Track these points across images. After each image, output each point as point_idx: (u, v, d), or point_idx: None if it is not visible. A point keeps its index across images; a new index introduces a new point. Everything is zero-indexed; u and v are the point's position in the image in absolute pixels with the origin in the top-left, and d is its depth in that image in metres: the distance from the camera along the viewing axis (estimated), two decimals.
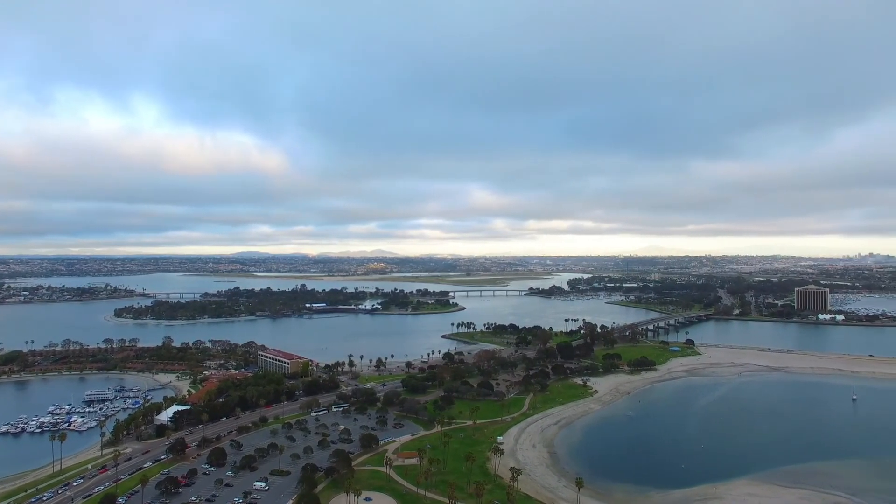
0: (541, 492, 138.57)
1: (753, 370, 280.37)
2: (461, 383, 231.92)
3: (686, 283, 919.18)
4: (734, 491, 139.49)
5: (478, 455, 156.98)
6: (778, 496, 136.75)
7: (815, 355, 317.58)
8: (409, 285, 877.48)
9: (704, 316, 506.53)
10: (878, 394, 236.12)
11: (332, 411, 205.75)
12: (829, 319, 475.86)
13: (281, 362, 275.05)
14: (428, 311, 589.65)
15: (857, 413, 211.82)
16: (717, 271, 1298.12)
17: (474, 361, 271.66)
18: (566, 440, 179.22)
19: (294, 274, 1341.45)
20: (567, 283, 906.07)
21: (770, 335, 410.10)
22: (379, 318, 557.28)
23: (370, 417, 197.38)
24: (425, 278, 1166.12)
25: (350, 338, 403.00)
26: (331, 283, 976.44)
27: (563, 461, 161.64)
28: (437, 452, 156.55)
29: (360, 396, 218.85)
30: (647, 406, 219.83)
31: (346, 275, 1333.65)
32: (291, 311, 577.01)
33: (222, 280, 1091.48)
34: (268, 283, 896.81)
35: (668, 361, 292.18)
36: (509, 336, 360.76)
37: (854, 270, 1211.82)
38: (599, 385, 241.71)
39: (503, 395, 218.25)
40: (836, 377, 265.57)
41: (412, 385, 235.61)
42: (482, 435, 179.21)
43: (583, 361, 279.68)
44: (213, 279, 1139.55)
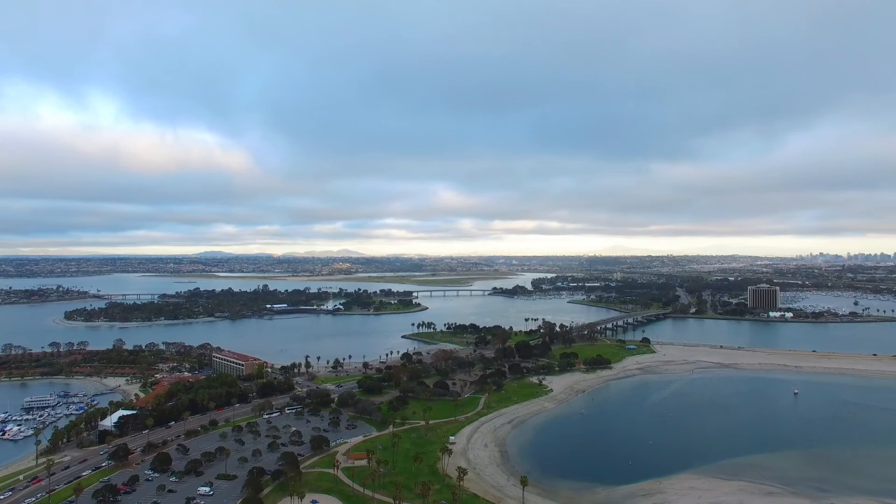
0: (489, 490, 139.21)
1: (705, 367, 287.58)
2: (417, 383, 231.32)
3: (647, 282, 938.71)
4: (677, 485, 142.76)
5: (428, 455, 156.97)
6: (718, 488, 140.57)
7: (763, 352, 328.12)
8: (374, 285, 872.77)
9: (662, 314, 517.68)
10: (817, 387, 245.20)
11: (285, 413, 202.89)
12: (779, 317, 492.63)
13: (235, 364, 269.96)
14: (390, 311, 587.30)
15: (798, 406, 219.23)
16: (677, 271, 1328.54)
17: (431, 361, 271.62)
18: (518, 439, 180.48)
19: (257, 274, 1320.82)
20: (531, 282, 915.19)
21: (724, 332, 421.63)
22: (340, 318, 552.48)
23: (323, 419, 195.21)
24: (390, 278, 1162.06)
25: (310, 339, 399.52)
26: (294, 283, 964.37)
27: (514, 460, 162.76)
28: (387, 453, 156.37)
29: (315, 398, 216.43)
30: (601, 404, 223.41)
31: (310, 275, 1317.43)
32: (252, 312, 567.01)
33: (183, 281, 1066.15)
34: (230, 284, 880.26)
35: (624, 360, 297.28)
36: (469, 336, 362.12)
37: (805, 269, 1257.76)
38: (555, 384, 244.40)
39: (458, 395, 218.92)
40: (782, 372, 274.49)
41: (368, 386, 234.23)
42: (435, 435, 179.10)
43: (540, 360, 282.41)
44: (174, 280, 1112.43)
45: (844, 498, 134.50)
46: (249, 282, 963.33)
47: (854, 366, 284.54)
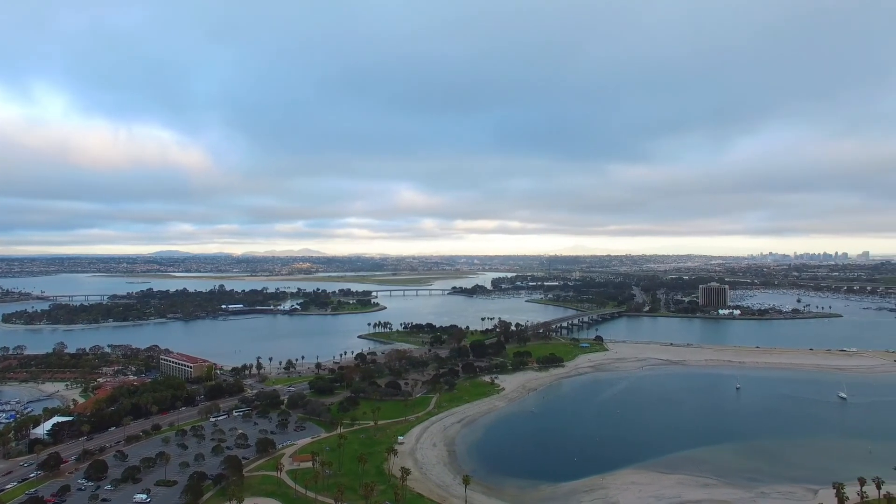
0: (434, 490, 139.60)
1: (654, 364, 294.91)
2: (369, 384, 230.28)
3: (604, 281, 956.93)
4: (619, 480, 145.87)
5: (375, 456, 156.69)
6: (658, 482, 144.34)
7: (710, 348, 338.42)
8: (333, 285, 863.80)
9: (617, 313, 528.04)
10: (757, 382, 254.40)
11: (232, 416, 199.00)
12: (728, 314, 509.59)
13: (184, 366, 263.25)
14: (348, 311, 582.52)
15: (739, 400, 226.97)
16: (635, 270, 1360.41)
17: (385, 361, 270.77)
18: (467, 438, 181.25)
19: (215, 274, 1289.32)
20: (491, 282, 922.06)
21: (676, 330, 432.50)
22: (297, 318, 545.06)
23: (271, 421, 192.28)
24: (351, 278, 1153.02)
25: (265, 339, 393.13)
26: (252, 283, 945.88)
27: (461, 459, 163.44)
28: (333, 455, 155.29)
29: (264, 399, 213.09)
30: (552, 402, 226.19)
31: (269, 275, 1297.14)
32: (206, 313, 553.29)
33: (136, 281, 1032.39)
34: (185, 284, 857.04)
35: (577, 358, 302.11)
36: (425, 335, 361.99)
37: (755, 268, 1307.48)
38: (507, 383, 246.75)
39: (409, 395, 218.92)
40: (726, 368, 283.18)
41: (319, 386, 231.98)
42: (384, 435, 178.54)
43: (494, 360, 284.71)
44: (126, 280, 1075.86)
45: (773, 486, 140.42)
46: (206, 282, 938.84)
47: (792, 360, 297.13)
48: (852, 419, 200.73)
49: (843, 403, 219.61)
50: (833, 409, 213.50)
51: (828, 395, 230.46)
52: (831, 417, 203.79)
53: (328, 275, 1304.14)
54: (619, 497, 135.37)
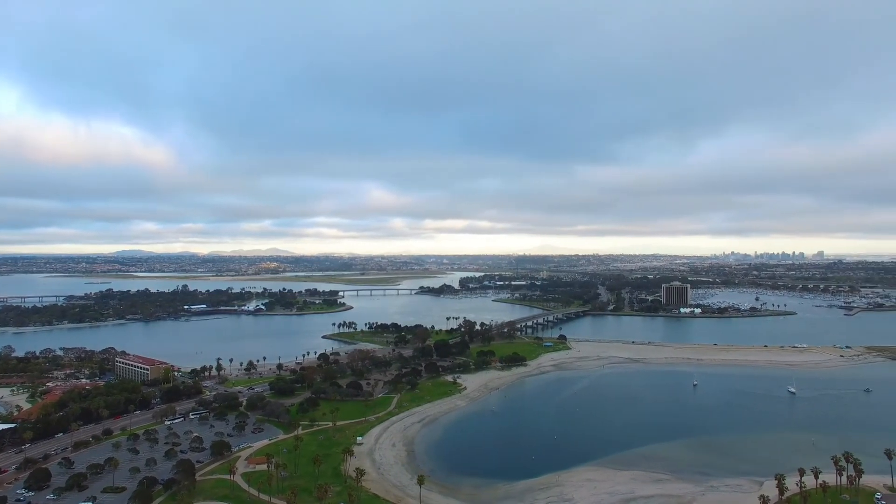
0: (390, 490, 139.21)
1: (616, 362, 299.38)
2: (330, 384, 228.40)
3: (571, 280, 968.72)
4: (575, 478, 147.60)
5: (333, 457, 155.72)
6: (612, 479, 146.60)
7: (670, 346, 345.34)
8: (300, 285, 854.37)
9: (582, 312, 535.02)
10: (714, 378, 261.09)
11: (189, 419, 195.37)
12: (689, 313, 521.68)
13: (140, 369, 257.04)
14: (314, 311, 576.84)
15: (695, 397, 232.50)
16: (601, 269, 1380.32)
17: (347, 361, 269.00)
18: (427, 438, 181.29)
19: (179, 274, 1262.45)
20: (458, 281, 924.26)
21: (638, 328, 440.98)
22: (262, 319, 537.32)
23: (229, 423, 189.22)
24: (318, 278, 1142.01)
25: (227, 340, 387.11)
26: (218, 283, 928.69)
27: (420, 459, 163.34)
28: (291, 456, 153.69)
29: (222, 401, 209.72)
30: (513, 401, 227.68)
31: (236, 275, 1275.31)
32: (167, 314, 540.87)
33: (95, 281, 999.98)
34: (147, 284, 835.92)
35: (540, 357, 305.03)
36: (389, 335, 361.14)
37: (717, 268, 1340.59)
38: (470, 382, 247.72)
39: (370, 395, 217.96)
40: (685, 365, 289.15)
41: (279, 387, 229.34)
42: (343, 436, 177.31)
43: (457, 359, 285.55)
44: (85, 280, 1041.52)
45: (722, 479, 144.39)
46: (169, 282, 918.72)
47: (747, 357, 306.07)
48: (799, 413, 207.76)
49: (792, 398, 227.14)
50: (782, 404, 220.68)
51: (778, 390, 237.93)
52: (781, 411, 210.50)
53: (296, 274, 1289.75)
54: (574, 494, 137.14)
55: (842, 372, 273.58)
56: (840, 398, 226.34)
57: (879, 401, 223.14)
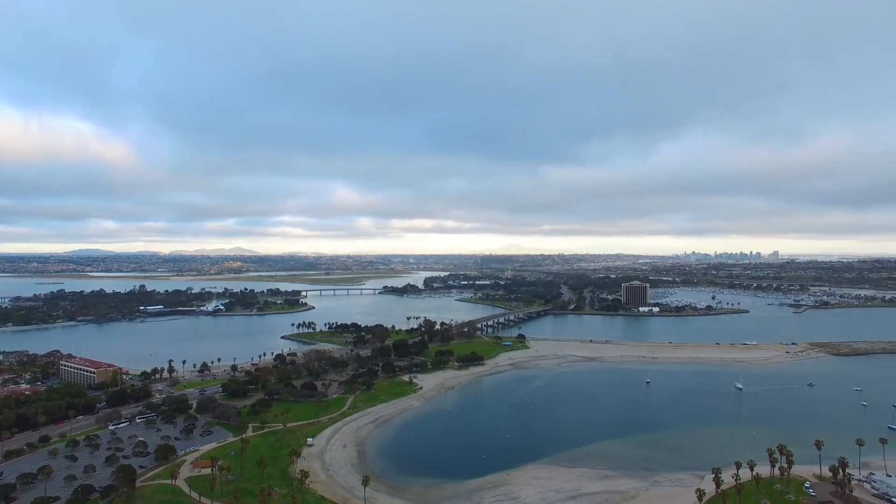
0: (337, 492, 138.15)
1: (573, 361, 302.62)
2: (285, 385, 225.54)
3: (535, 280, 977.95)
4: (523, 476, 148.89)
5: (282, 459, 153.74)
6: (560, 476, 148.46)
7: (627, 345, 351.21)
8: (263, 285, 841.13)
9: (543, 311, 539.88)
10: (666, 376, 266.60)
11: (135, 423, 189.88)
12: (647, 311, 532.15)
13: (86, 372, 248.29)
14: (275, 311, 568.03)
15: (647, 394, 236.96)
16: (566, 269, 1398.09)
17: (304, 362, 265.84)
18: (379, 438, 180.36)
19: (138, 274, 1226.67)
20: (423, 281, 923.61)
21: (598, 327, 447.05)
22: (221, 319, 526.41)
23: (177, 427, 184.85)
24: (282, 277, 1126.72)
25: (184, 341, 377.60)
26: (177, 283, 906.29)
27: (370, 459, 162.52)
28: (237, 459, 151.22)
29: (171, 404, 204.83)
30: (468, 400, 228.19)
31: (197, 274, 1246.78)
32: (122, 315, 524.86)
33: (47, 282, 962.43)
34: (103, 285, 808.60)
35: (498, 356, 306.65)
36: (349, 335, 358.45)
37: (678, 267, 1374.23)
38: (426, 381, 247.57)
39: (325, 396, 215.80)
40: (639, 363, 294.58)
41: (232, 389, 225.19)
42: (294, 438, 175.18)
43: (415, 359, 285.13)
44: (35, 281, 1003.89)
45: (666, 475, 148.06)
46: (127, 282, 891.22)
47: (699, 354, 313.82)
48: (745, 408, 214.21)
49: (738, 393, 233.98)
50: (730, 399, 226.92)
51: (727, 386, 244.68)
52: (727, 407, 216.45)
53: (259, 274, 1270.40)
54: (521, 492, 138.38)
55: (787, 367, 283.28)
56: (783, 393, 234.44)
57: (821, 394, 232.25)
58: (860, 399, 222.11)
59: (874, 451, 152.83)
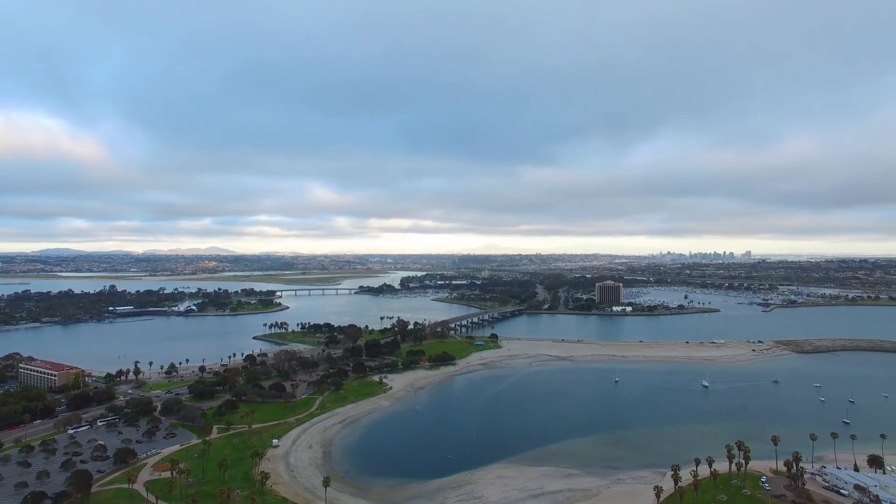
0: (300, 493, 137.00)
1: (544, 360, 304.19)
2: (253, 386, 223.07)
3: (511, 280, 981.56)
4: (488, 475, 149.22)
5: (247, 461, 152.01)
6: (524, 475, 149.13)
7: (598, 344, 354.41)
8: (238, 285, 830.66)
9: (518, 311, 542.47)
10: (635, 374, 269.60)
11: (96, 426, 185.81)
12: (620, 311, 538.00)
13: (47, 375, 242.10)
14: (248, 311, 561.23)
15: (616, 393, 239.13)
16: (543, 268, 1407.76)
17: (273, 362, 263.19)
18: (346, 439, 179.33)
19: (109, 274, 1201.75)
20: (400, 281, 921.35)
21: (572, 327, 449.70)
22: (193, 320, 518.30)
23: (139, 429, 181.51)
24: (258, 277, 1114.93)
25: (154, 342, 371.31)
26: (150, 283, 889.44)
27: (336, 460, 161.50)
28: (199, 462, 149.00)
29: (135, 406, 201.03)
30: (438, 400, 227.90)
31: (171, 274, 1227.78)
32: (90, 316, 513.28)
33: (12, 282, 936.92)
34: (72, 285, 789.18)
35: (470, 355, 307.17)
36: (321, 335, 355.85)
37: (653, 267, 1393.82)
38: (396, 382, 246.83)
39: (293, 397, 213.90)
40: (609, 362, 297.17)
41: (199, 390, 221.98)
42: (259, 439, 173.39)
43: (387, 359, 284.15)
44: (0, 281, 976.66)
45: (629, 472, 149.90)
46: (97, 282, 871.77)
47: (668, 353, 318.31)
48: (710, 405, 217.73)
49: (704, 391, 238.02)
50: (696, 397, 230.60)
51: (693, 384, 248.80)
52: (693, 404, 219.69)
53: (235, 274, 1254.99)
54: (484, 492, 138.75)
55: (752, 365, 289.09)
56: (748, 390, 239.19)
57: (783, 391, 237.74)
58: (819, 395, 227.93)
59: (830, 445, 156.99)
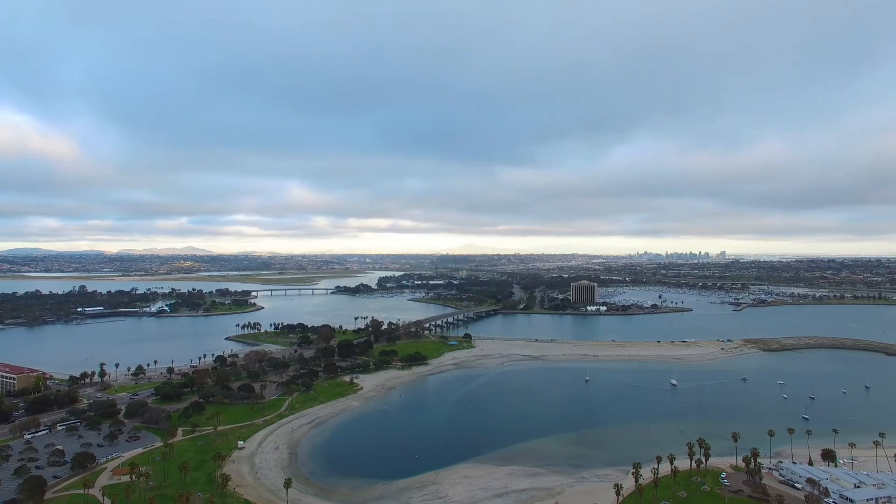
0: (263, 495, 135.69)
1: (516, 360, 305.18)
2: (221, 387, 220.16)
3: (488, 280, 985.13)
4: (453, 475, 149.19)
5: (209, 463, 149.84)
6: (490, 475, 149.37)
7: (571, 343, 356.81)
8: (213, 285, 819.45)
9: (493, 311, 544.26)
10: (606, 373, 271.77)
11: (55, 430, 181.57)
12: (595, 310, 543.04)
13: (6, 378, 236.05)
14: (222, 311, 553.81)
15: (586, 392, 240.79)
16: (521, 268, 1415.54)
17: (244, 363, 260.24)
18: (314, 440, 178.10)
19: (81, 274, 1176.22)
20: (377, 281, 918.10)
21: (546, 326, 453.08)
22: (165, 320, 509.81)
23: (101, 433, 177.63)
24: (234, 277, 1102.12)
25: (123, 344, 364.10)
26: (123, 283, 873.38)
27: (302, 461, 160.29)
28: (161, 465, 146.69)
29: (98, 409, 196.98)
30: (408, 400, 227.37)
31: (145, 274, 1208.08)
32: (57, 317, 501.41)
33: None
34: (40, 285, 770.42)
35: (443, 355, 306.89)
36: (295, 336, 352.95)
37: (630, 267, 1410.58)
38: (368, 382, 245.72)
39: (261, 398, 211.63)
40: (581, 361, 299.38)
41: (166, 392, 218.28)
42: (225, 441, 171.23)
43: (359, 359, 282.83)
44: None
45: (593, 470, 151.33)
46: (67, 282, 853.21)
47: (640, 352, 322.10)
48: (677, 403, 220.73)
49: (673, 389, 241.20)
50: (664, 395, 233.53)
51: (663, 382, 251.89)
52: (661, 402, 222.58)
53: (210, 274, 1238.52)
54: (449, 491, 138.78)
55: (720, 364, 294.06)
56: (715, 387, 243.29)
57: (748, 388, 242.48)
58: (782, 392, 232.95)
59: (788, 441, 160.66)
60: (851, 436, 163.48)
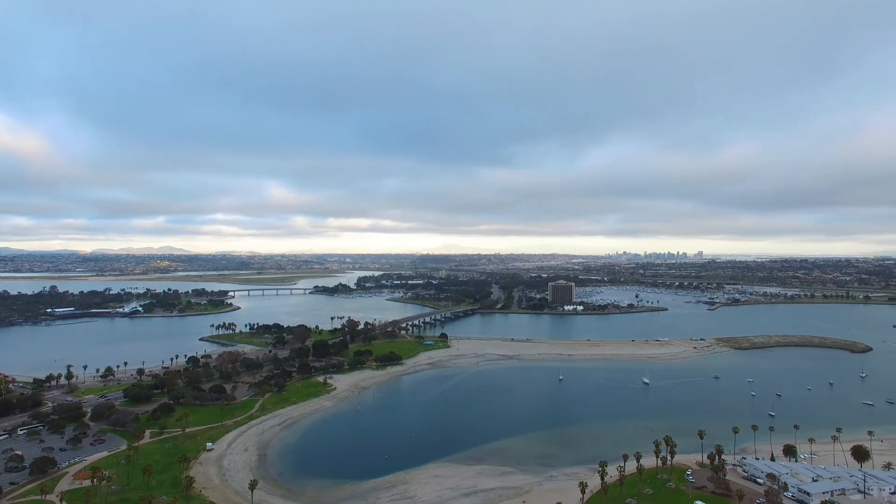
0: (230, 497, 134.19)
1: (491, 359, 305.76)
2: (192, 388, 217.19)
3: (468, 279, 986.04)
4: (423, 475, 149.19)
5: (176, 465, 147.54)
6: (460, 474, 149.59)
7: (546, 342, 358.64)
8: (189, 285, 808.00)
9: (471, 310, 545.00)
10: (579, 373, 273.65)
11: (15, 434, 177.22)
12: (572, 310, 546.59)
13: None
14: (197, 312, 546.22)
15: (559, 391, 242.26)
16: (501, 268, 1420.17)
17: (216, 364, 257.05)
18: (284, 441, 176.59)
19: (53, 274, 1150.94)
20: (356, 280, 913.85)
21: (523, 326, 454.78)
22: (139, 321, 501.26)
23: (64, 437, 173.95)
24: (211, 277, 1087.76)
25: (94, 345, 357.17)
26: (96, 283, 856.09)
27: (271, 463, 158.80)
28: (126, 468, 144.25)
29: (62, 412, 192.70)
30: (381, 400, 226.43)
31: (120, 274, 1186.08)
32: (25, 319, 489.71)
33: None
34: (8, 286, 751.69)
35: (418, 355, 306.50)
36: (270, 336, 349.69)
37: (609, 267, 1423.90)
38: (341, 382, 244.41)
39: (232, 398, 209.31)
40: (556, 361, 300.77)
41: (135, 394, 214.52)
42: (193, 443, 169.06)
43: (334, 359, 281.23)
44: None
45: (562, 469, 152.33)
46: (38, 282, 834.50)
47: (614, 351, 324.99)
48: (649, 402, 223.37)
49: (645, 388, 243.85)
50: (636, 394, 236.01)
51: (635, 381, 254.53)
52: (633, 401, 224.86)
53: (187, 274, 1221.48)
54: (418, 491, 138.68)
55: (692, 362, 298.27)
56: (686, 386, 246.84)
57: (719, 387, 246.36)
58: (751, 390, 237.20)
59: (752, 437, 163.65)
60: (812, 431, 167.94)
